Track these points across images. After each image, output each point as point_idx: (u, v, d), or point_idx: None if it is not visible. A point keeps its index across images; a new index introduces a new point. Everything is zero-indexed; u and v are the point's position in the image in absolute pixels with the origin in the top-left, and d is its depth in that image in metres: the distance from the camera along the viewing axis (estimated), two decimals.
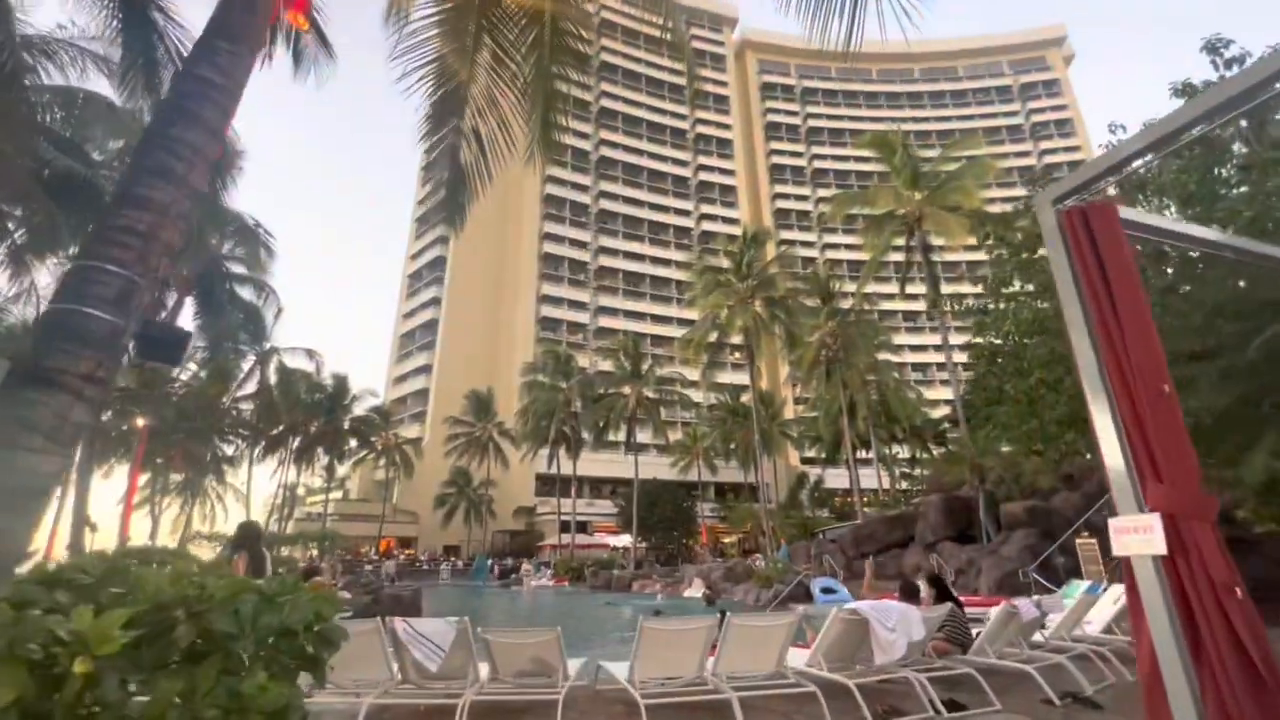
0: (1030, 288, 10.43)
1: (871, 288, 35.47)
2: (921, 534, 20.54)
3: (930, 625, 5.10)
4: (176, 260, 16.92)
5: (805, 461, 59.29)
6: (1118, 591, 8.33)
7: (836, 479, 52.23)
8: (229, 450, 38.14)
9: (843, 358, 31.18)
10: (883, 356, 34.51)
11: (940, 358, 71.18)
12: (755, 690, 4.44)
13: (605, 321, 63.27)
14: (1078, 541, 13.70)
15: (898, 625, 4.79)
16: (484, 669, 4.57)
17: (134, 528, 29.37)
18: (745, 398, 51.23)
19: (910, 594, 5.69)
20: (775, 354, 44.87)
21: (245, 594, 1.94)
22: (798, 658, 5.01)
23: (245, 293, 21.65)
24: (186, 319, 20.22)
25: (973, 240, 22.63)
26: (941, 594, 5.75)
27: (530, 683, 4.54)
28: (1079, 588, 10.61)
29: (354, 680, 4.60)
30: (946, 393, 62.25)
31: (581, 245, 66.57)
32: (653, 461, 48.29)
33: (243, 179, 18.38)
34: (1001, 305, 10.42)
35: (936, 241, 23.56)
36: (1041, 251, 9.77)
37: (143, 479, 35.37)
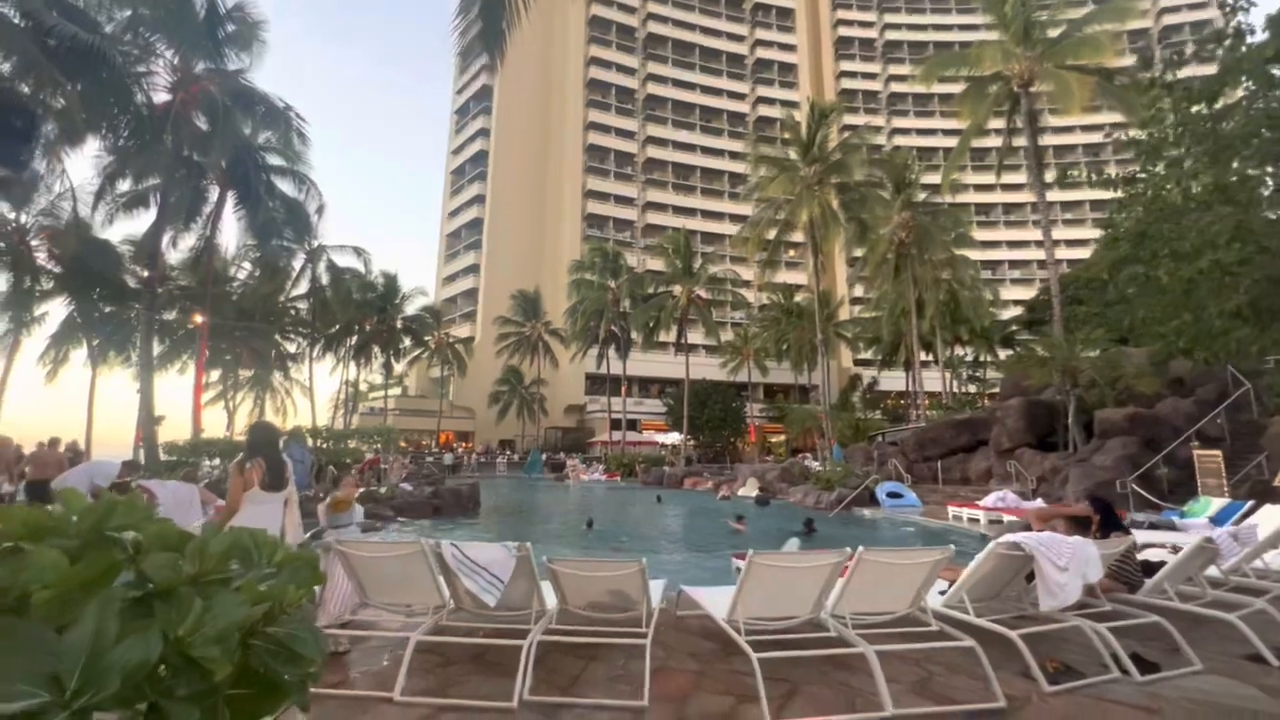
0: (1187, 165, 8.26)
1: (939, 177, 31.96)
2: (997, 439, 19.25)
3: (1107, 563, 4.04)
4: (208, 149, 16.02)
5: (858, 364, 57.75)
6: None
7: (890, 382, 50.76)
8: (291, 348, 39.32)
9: (914, 253, 28.66)
10: (960, 252, 31.62)
11: (1014, 254, 66.28)
12: (888, 642, 3.52)
13: (653, 218, 60.67)
14: (1196, 453, 12.24)
15: (1071, 563, 3.74)
16: (550, 598, 3.81)
17: (210, 422, 30.91)
18: (800, 297, 49.19)
19: (1083, 524, 4.58)
20: (835, 250, 42.18)
21: (102, 585, 0.98)
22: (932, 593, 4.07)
23: (285, 186, 20.81)
24: (229, 216, 19.68)
25: (1096, 118, 19.33)
26: (1106, 521, 4.63)
27: (607, 618, 3.77)
28: (1208, 504, 9.35)
29: (407, 605, 3.94)
30: (1019, 292, 58.38)
31: (628, 135, 62.70)
32: (702, 362, 47.64)
33: (268, 56, 16.87)
34: (1160, 170, 8.31)
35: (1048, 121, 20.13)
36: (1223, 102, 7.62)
37: (214, 375, 37.11)
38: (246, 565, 1.30)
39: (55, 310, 24.85)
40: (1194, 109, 7.88)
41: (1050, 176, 16.10)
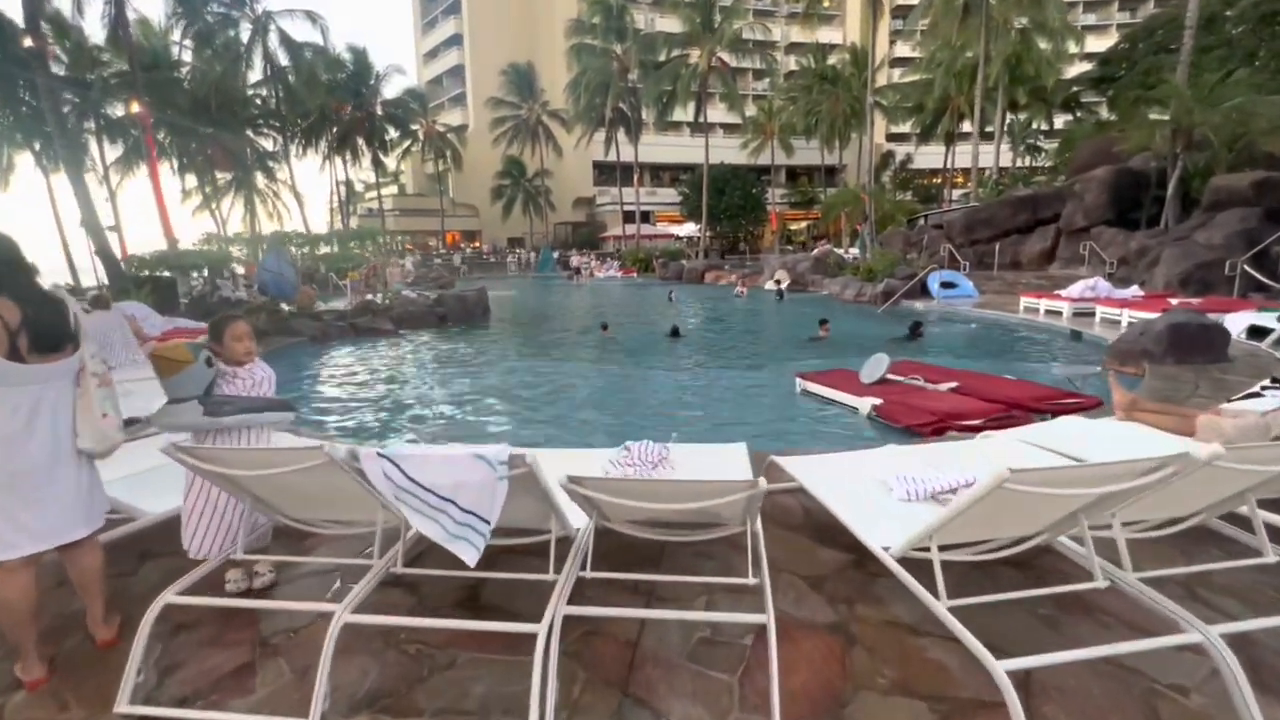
0: None
1: None
2: (1069, 217, 16.77)
3: None
4: None
5: (891, 139, 52.05)
6: None
7: (924, 159, 45.97)
8: (268, 144, 35.37)
9: None
10: None
11: None
12: (1208, 593, 1.96)
13: None
14: None
15: None
16: (575, 516, 2.22)
17: (196, 230, 28.78)
18: (834, 59, 42.17)
19: None
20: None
21: None
22: None
23: None
24: None
25: None
26: None
27: (672, 538, 2.23)
28: None
29: (344, 522, 2.38)
30: (1092, 42, 49.54)
31: None
32: (719, 144, 42.72)
33: None
34: None
35: None
36: None
37: (191, 181, 33.90)
38: None
39: None
40: None
41: None
